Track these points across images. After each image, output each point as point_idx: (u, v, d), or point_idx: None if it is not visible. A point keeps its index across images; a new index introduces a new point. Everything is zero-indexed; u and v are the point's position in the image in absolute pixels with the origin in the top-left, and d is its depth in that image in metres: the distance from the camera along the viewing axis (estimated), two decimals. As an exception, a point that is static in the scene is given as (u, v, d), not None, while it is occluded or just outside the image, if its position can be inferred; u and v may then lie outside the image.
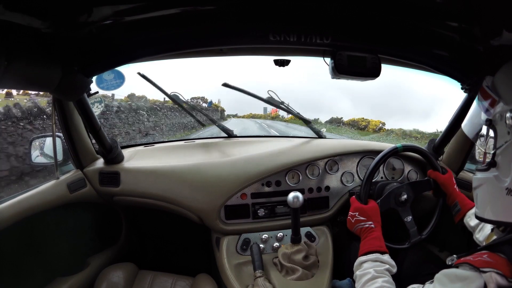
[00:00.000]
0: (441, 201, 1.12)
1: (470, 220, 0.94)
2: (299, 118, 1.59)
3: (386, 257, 0.81)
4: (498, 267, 0.49)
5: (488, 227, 0.85)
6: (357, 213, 0.93)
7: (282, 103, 1.52)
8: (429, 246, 1.38)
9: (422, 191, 1.13)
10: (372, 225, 0.89)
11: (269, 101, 1.50)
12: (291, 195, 0.98)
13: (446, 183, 1.06)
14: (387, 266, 0.78)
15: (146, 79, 1.32)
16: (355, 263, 0.83)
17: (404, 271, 1.14)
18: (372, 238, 0.86)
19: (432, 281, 0.57)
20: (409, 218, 1.07)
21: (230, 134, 1.61)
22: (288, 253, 1.02)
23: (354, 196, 1.01)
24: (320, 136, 1.59)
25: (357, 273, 0.79)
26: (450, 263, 0.61)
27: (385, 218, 0.99)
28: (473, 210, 0.94)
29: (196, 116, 1.64)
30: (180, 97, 1.49)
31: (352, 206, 0.96)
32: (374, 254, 0.81)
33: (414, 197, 1.10)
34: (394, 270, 0.79)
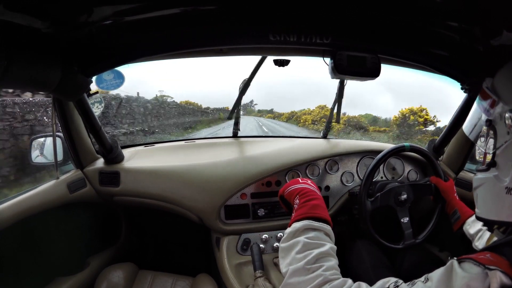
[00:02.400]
0: (440, 207, 1.12)
1: (470, 228, 0.94)
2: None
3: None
4: (501, 266, 0.48)
5: (487, 235, 0.85)
6: (310, 181, 0.75)
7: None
8: (429, 246, 1.38)
9: (422, 195, 1.14)
10: (319, 194, 0.70)
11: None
12: None
13: (447, 190, 1.06)
14: (334, 246, 0.61)
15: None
16: (298, 226, 0.61)
17: (404, 271, 1.14)
18: (322, 207, 0.66)
19: (427, 279, 0.55)
20: (406, 219, 1.07)
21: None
22: None
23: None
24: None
25: (303, 239, 0.59)
26: None
27: (383, 217, 0.99)
28: (472, 218, 0.94)
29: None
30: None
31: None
32: (328, 226, 0.62)
33: (414, 198, 1.11)
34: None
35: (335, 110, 1.53)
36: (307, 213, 0.64)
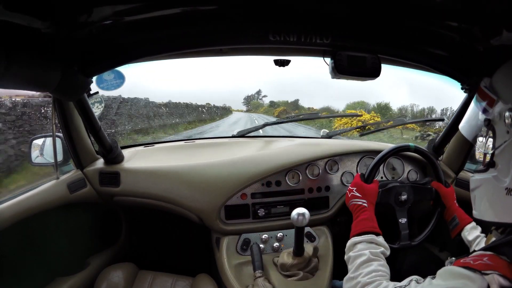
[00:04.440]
0: (439, 212, 1.12)
1: (468, 235, 0.94)
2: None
3: (381, 239, 0.80)
4: (499, 269, 0.48)
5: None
6: (355, 189, 0.92)
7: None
8: (429, 246, 1.38)
9: (423, 198, 1.13)
10: (365, 204, 0.87)
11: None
12: (296, 212, 0.90)
13: (448, 196, 1.06)
14: (382, 248, 0.77)
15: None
16: (348, 244, 0.81)
17: (404, 271, 1.14)
18: (364, 219, 0.84)
19: (434, 276, 0.57)
20: (404, 220, 1.07)
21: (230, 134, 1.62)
22: (287, 265, 1.00)
23: (359, 173, 1.00)
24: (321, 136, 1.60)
25: (351, 254, 0.77)
26: (449, 265, 0.60)
27: (381, 215, 0.98)
28: (470, 225, 0.94)
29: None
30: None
31: (353, 181, 0.96)
32: (368, 235, 0.79)
33: (414, 200, 1.10)
34: (388, 252, 0.78)
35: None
36: (353, 231, 0.82)
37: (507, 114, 0.55)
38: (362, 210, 0.87)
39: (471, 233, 0.93)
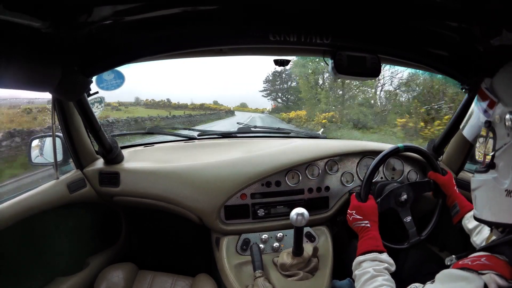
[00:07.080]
0: (441, 202, 1.12)
1: (468, 223, 0.94)
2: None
3: (384, 256, 0.81)
4: (497, 269, 0.49)
5: (486, 231, 0.85)
6: (354, 212, 0.93)
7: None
8: (430, 246, 1.38)
9: (422, 192, 1.13)
10: (368, 225, 0.89)
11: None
12: (294, 212, 0.92)
13: (446, 184, 1.06)
14: (386, 264, 0.78)
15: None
16: (354, 263, 0.83)
17: (405, 271, 1.14)
18: (368, 238, 0.86)
19: (433, 281, 0.57)
20: (409, 218, 1.07)
21: (230, 134, 1.62)
22: (287, 265, 1.00)
23: (354, 194, 1.00)
24: (319, 136, 1.60)
25: (356, 272, 0.79)
26: (449, 264, 0.61)
27: (385, 218, 0.98)
28: (471, 213, 0.93)
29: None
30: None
31: (350, 204, 0.96)
32: (372, 254, 0.81)
33: (414, 197, 1.10)
34: (393, 268, 0.80)
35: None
36: (359, 250, 0.85)
37: (507, 117, 0.55)
38: (366, 230, 0.89)
39: (471, 221, 0.93)
